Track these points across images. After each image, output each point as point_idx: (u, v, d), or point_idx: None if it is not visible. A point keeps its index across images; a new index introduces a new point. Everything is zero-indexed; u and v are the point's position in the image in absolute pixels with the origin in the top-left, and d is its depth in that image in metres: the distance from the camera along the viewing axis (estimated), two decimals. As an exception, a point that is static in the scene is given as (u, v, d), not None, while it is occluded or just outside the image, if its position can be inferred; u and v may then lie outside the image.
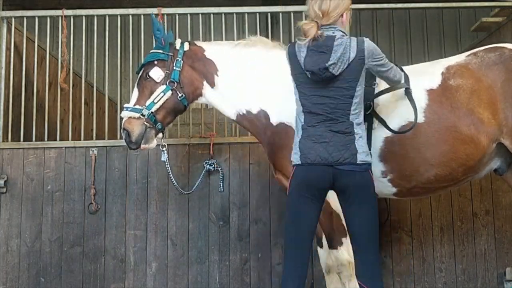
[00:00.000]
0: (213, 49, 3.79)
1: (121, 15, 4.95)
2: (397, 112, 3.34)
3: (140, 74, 3.73)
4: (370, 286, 2.87)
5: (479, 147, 3.31)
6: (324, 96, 2.88)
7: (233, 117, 3.78)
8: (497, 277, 4.52)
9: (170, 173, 4.11)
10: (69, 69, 5.01)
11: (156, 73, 3.63)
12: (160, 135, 3.72)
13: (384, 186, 3.47)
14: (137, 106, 3.59)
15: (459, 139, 3.29)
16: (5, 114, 4.76)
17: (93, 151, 4.61)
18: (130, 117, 3.59)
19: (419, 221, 4.59)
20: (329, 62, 2.82)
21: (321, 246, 3.77)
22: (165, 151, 3.89)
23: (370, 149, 3.10)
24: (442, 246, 4.56)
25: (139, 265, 4.51)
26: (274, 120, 3.61)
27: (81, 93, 4.94)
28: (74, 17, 4.94)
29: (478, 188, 4.61)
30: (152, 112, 3.58)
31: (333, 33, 2.92)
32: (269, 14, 7.04)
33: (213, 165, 4.49)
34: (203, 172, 4.46)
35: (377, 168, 3.37)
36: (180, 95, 3.65)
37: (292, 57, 2.97)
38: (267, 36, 5.32)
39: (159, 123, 3.62)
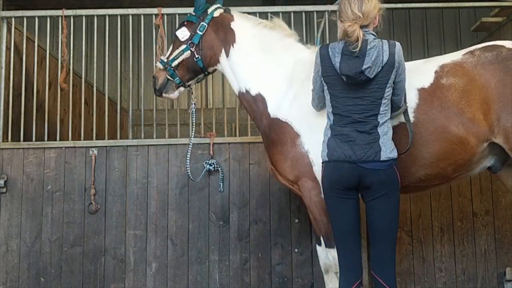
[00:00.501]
0: (239, 21, 3.88)
1: (121, 15, 4.95)
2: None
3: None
4: (383, 279, 2.95)
5: (467, 147, 3.26)
6: (355, 98, 2.94)
7: (236, 92, 3.89)
8: (497, 277, 4.52)
9: (193, 132, 4.14)
10: (69, 69, 5.01)
11: (181, 33, 3.86)
12: (182, 89, 3.94)
13: None
14: (164, 59, 3.89)
15: (447, 140, 3.26)
16: (5, 114, 4.76)
17: (93, 151, 4.61)
18: (159, 68, 3.91)
19: (419, 221, 4.59)
20: (365, 66, 2.88)
21: (320, 245, 3.77)
22: (194, 104, 4.12)
23: None
24: (442, 246, 4.56)
25: (139, 265, 4.51)
26: (271, 111, 3.63)
27: (81, 93, 4.94)
28: (74, 17, 4.94)
29: (478, 188, 4.61)
30: (172, 67, 3.84)
31: (366, 36, 2.95)
32: (269, 14, 7.02)
33: (213, 165, 4.49)
34: (203, 171, 4.46)
35: None
36: (197, 56, 3.82)
37: (325, 59, 3.01)
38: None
39: (177, 78, 3.86)
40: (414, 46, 9.01)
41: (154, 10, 4.85)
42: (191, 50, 3.81)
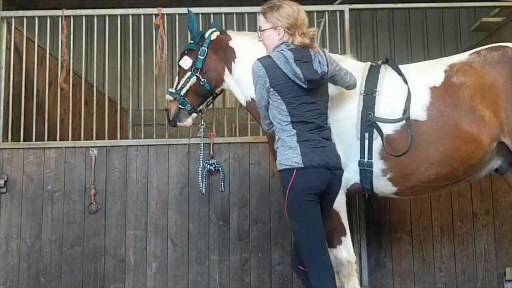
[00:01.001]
0: (237, 38, 4.00)
1: (121, 15, 4.95)
2: (398, 107, 3.37)
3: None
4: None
5: (480, 146, 3.29)
6: (311, 103, 2.98)
7: (244, 103, 3.95)
8: (497, 277, 4.52)
9: (201, 153, 4.37)
10: (69, 69, 5.01)
11: (184, 62, 4.01)
12: (194, 115, 4.07)
13: (384, 185, 3.47)
14: (172, 90, 4.02)
15: (460, 137, 3.28)
16: (5, 114, 4.76)
17: (93, 151, 4.61)
18: (169, 100, 4.05)
19: (419, 221, 4.59)
20: (322, 70, 2.98)
21: (321, 246, 3.77)
22: (202, 128, 4.36)
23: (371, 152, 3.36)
24: (442, 246, 4.56)
25: (139, 265, 4.51)
26: None
27: (81, 93, 4.94)
28: (74, 17, 4.94)
29: (478, 188, 4.61)
30: (181, 96, 3.97)
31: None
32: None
33: (214, 165, 4.49)
34: (205, 171, 4.46)
35: (377, 166, 3.40)
36: (203, 80, 3.95)
37: (272, 68, 2.97)
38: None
39: (188, 105, 3.98)
40: (414, 46, 9.01)
41: (154, 10, 4.85)
42: (196, 76, 3.94)
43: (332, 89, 3.51)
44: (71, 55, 5.35)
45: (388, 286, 4.52)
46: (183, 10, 4.92)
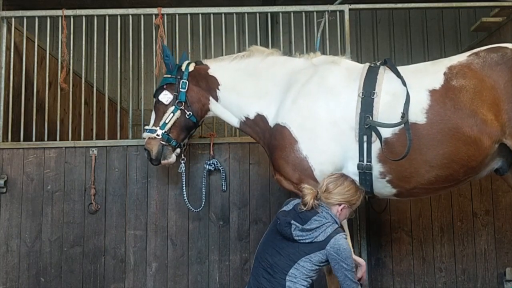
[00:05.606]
0: (215, 66, 4.00)
1: (121, 15, 4.95)
2: (396, 110, 3.34)
3: (155, 99, 4.03)
4: None
5: (481, 149, 3.26)
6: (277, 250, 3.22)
7: (237, 125, 3.96)
8: (497, 277, 4.53)
9: (184, 186, 4.32)
10: (69, 69, 5.01)
11: (164, 97, 3.95)
12: (178, 150, 4.01)
13: (383, 187, 3.47)
14: (153, 127, 3.93)
15: (461, 140, 3.25)
16: (5, 114, 4.76)
17: (93, 151, 4.61)
18: (149, 138, 3.94)
19: (419, 221, 4.59)
20: (295, 223, 3.15)
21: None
22: (183, 163, 4.20)
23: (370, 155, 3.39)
24: (442, 246, 4.56)
25: (139, 265, 4.51)
26: (271, 122, 3.71)
27: (81, 93, 4.94)
28: (74, 17, 4.94)
29: (478, 188, 4.61)
30: (165, 132, 3.90)
31: (321, 212, 3.20)
32: (269, 14, 7.06)
33: (213, 165, 4.49)
34: (204, 182, 4.46)
35: (376, 168, 3.39)
36: (188, 113, 3.93)
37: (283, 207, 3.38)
38: (266, 37, 5.37)
39: (173, 140, 3.93)
40: (414, 46, 9.02)
41: (154, 10, 4.85)
42: (181, 109, 3.92)
43: (325, 89, 3.53)
44: (71, 55, 5.35)
45: (388, 286, 4.52)
46: (183, 10, 4.94)
